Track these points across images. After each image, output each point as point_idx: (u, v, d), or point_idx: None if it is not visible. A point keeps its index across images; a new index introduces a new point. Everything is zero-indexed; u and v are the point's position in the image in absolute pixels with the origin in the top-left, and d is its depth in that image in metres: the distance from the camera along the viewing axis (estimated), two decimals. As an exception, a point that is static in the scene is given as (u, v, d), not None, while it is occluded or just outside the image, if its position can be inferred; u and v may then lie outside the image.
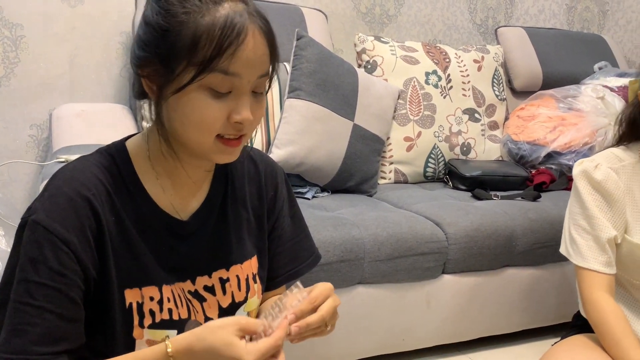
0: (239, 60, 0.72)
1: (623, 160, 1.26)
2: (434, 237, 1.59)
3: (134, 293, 0.78)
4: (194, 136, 0.75)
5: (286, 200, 0.95)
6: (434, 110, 2.14)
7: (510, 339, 1.74)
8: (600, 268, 1.21)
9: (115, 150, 0.81)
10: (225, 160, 0.78)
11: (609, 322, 1.17)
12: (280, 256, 0.95)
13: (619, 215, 1.23)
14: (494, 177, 2.01)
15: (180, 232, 0.83)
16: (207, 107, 0.73)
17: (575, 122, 2.15)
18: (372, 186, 1.96)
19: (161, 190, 0.81)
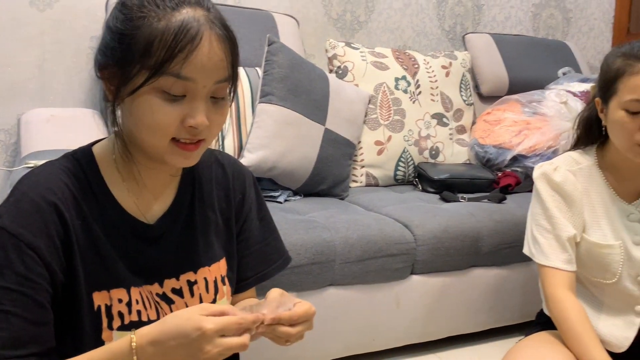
0: (192, 64, 0.72)
1: (580, 163, 1.31)
2: (402, 238, 1.63)
3: (103, 296, 0.79)
4: (148, 139, 0.76)
5: (254, 204, 0.97)
6: (403, 115, 2.18)
7: (477, 338, 1.79)
8: (562, 265, 1.26)
9: (82, 155, 0.82)
10: (182, 164, 0.79)
11: (570, 319, 1.22)
12: (249, 258, 0.96)
13: (578, 215, 1.29)
14: (461, 180, 2.06)
15: (146, 235, 0.84)
16: (159, 110, 0.74)
17: (539, 126, 2.22)
18: (343, 189, 1.99)
19: (127, 193, 0.82)
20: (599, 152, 1.33)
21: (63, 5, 2.02)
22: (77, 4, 2.04)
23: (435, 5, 2.66)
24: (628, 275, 1.28)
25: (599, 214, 1.29)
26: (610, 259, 1.28)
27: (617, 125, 1.21)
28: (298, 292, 1.51)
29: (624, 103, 1.18)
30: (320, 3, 2.44)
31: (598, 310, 1.35)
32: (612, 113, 1.22)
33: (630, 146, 1.21)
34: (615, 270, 1.28)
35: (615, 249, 1.27)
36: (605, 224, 1.29)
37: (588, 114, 1.33)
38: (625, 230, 1.29)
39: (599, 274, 1.30)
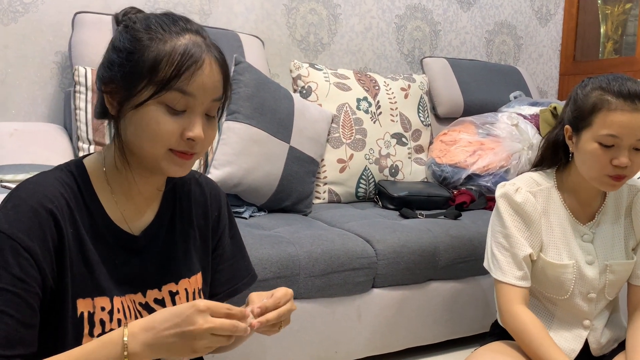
0: (195, 82, 0.81)
1: (540, 185, 1.38)
2: (364, 253, 1.69)
3: (86, 303, 0.83)
4: (148, 148, 0.82)
5: (227, 222, 1.03)
6: (364, 134, 2.26)
7: (435, 349, 1.86)
8: (517, 282, 1.33)
9: (75, 167, 0.86)
10: (176, 172, 0.85)
11: (528, 330, 1.28)
12: (221, 274, 1.02)
13: (536, 235, 1.35)
14: (419, 197, 2.14)
15: (131, 246, 0.89)
16: (162, 122, 0.80)
17: (492, 146, 2.34)
18: (307, 206, 2.04)
19: (115, 205, 0.87)
20: (559, 175, 1.39)
21: (28, 19, 2.02)
22: (43, 18, 2.04)
23: (395, 30, 2.77)
24: (579, 292, 1.36)
25: (555, 234, 1.36)
26: (564, 277, 1.35)
27: (589, 156, 1.27)
28: (263, 306, 1.54)
29: (599, 137, 1.24)
30: (284, 24, 2.52)
31: (549, 323, 1.43)
32: (585, 144, 1.27)
33: (599, 177, 1.28)
34: (568, 287, 1.35)
35: (569, 268, 1.34)
36: (561, 244, 1.36)
37: (555, 138, 1.39)
38: (580, 250, 1.36)
39: (553, 290, 1.38)
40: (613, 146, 1.24)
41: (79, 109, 1.81)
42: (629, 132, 1.23)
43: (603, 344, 1.42)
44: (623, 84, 1.24)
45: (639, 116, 1.23)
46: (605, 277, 1.37)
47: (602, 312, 1.42)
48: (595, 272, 1.36)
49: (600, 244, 1.38)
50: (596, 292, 1.37)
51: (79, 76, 1.82)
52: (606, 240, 1.38)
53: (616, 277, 1.38)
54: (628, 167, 1.25)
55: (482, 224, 1.93)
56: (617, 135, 1.23)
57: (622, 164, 1.24)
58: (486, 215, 2.04)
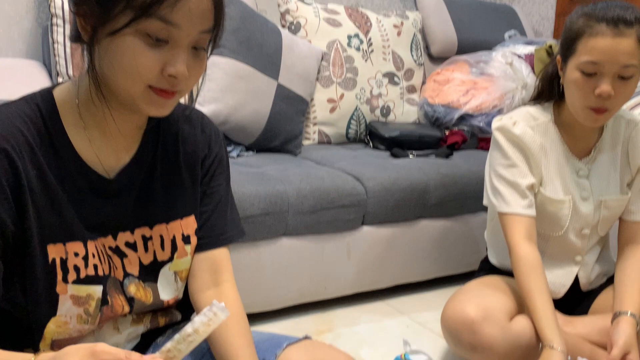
0: (180, 10, 0.70)
1: (537, 119, 1.34)
2: (354, 190, 1.67)
3: (58, 248, 0.77)
4: (123, 83, 0.72)
5: (222, 162, 0.93)
6: (356, 73, 2.20)
7: (423, 286, 1.87)
8: (522, 211, 1.29)
9: (41, 99, 0.77)
10: (156, 112, 0.76)
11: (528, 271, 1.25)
12: (211, 218, 0.92)
13: (536, 167, 1.32)
14: (411, 138, 2.11)
15: (104, 189, 0.81)
16: (140, 55, 0.70)
17: (486, 86, 2.29)
18: (296, 146, 2.01)
19: (88, 143, 0.79)
20: (556, 109, 1.35)
21: (0, -52, 1.91)
22: (15, -53, 1.93)
23: (388, -35, 2.66)
24: (573, 228, 1.35)
25: (552, 170, 1.34)
26: (561, 213, 1.33)
27: (572, 86, 1.22)
28: (252, 242, 1.53)
29: (581, 64, 1.19)
30: (272, -42, 2.40)
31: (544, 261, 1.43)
32: (569, 73, 1.23)
33: (582, 108, 1.23)
34: (563, 223, 1.34)
35: (566, 204, 1.33)
36: (557, 180, 1.33)
37: (551, 70, 1.34)
38: (575, 185, 1.34)
39: (548, 227, 1.36)
40: (595, 74, 1.19)
41: (57, 43, 1.73)
42: (611, 59, 1.17)
43: (592, 279, 1.43)
44: (609, 9, 1.18)
45: (622, 41, 1.16)
46: (600, 213, 1.36)
47: (593, 247, 1.42)
48: (589, 208, 1.35)
49: (595, 179, 1.36)
50: (590, 227, 1.37)
51: (55, 8, 1.73)
52: (601, 176, 1.36)
53: (610, 212, 1.37)
54: (612, 98, 1.19)
55: (474, 162, 1.91)
56: (597, 62, 1.17)
57: (603, 93, 1.18)
58: (478, 154, 2.03)
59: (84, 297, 0.80)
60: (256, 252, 1.55)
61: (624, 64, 1.17)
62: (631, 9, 1.18)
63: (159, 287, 0.88)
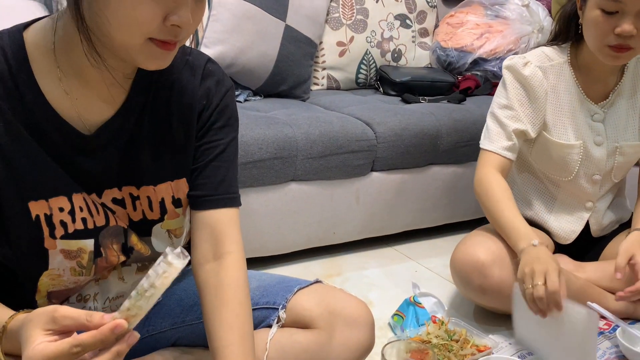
0: None
1: (552, 60, 1.31)
2: (364, 135, 1.64)
3: (41, 205, 0.72)
4: (120, 36, 0.64)
5: (224, 116, 0.83)
6: (366, 15, 2.13)
7: (432, 232, 1.87)
8: (502, 152, 1.29)
9: (9, 41, 0.68)
10: (156, 66, 0.68)
11: (491, 188, 1.26)
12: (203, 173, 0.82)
13: (538, 112, 1.30)
14: (422, 83, 2.06)
15: (83, 146, 0.74)
16: (140, 4, 0.62)
17: (501, 29, 2.21)
18: (304, 91, 1.96)
19: (64, 94, 0.70)
20: (573, 50, 1.32)
21: None
22: None
23: None
24: (584, 173, 1.33)
25: (564, 112, 1.31)
26: (570, 158, 1.31)
27: (591, 24, 1.19)
28: (260, 187, 1.52)
29: (601, 2, 1.15)
30: None
31: (551, 205, 1.41)
32: (589, 11, 1.19)
33: (600, 47, 1.19)
34: (572, 168, 1.32)
35: (576, 149, 1.31)
36: (568, 123, 1.31)
37: (569, 9, 1.30)
38: (589, 129, 1.31)
39: (556, 172, 1.35)
40: (617, 13, 1.14)
41: (58, -19, 1.67)
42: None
43: (605, 225, 1.42)
44: None
45: None
46: (614, 159, 1.33)
47: (606, 194, 1.40)
48: (602, 153, 1.32)
49: (611, 124, 1.32)
50: (602, 173, 1.34)
51: (54, -57, 1.66)
52: (619, 121, 1.33)
53: (625, 159, 1.34)
54: (634, 37, 1.15)
55: (487, 108, 1.82)
56: (619, 0, 1.13)
57: (624, 32, 1.14)
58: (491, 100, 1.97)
59: (75, 251, 0.76)
60: (265, 197, 1.53)
61: None
62: None
63: (152, 242, 0.84)
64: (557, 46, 1.33)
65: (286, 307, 0.89)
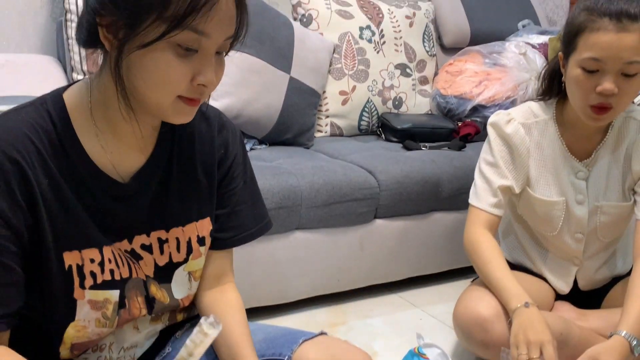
0: (212, 20, 0.69)
1: (537, 117, 1.31)
2: (366, 184, 1.67)
3: (74, 255, 0.77)
4: (154, 94, 0.72)
5: (240, 162, 0.92)
6: (367, 65, 2.20)
7: (436, 279, 1.87)
8: (488, 208, 1.30)
9: (52, 104, 0.75)
10: (182, 120, 0.76)
11: (480, 247, 1.27)
12: (227, 218, 0.92)
13: (520, 169, 1.31)
14: (423, 130, 2.10)
15: (119, 194, 0.81)
16: (172, 67, 0.69)
17: (499, 76, 2.27)
18: (308, 139, 2.01)
19: (101, 148, 0.78)
20: (559, 107, 1.31)
21: (13, -56, 1.92)
22: (29, -57, 1.94)
23: (400, -45, 2.64)
24: (568, 230, 1.33)
25: (548, 169, 1.31)
26: (553, 214, 1.31)
27: (573, 83, 1.18)
28: (265, 236, 1.54)
29: (582, 60, 1.14)
30: (283, -51, 2.39)
31: (544, 256, 1.42)
32: (571, 69, 1.18)
33: (583, 106, 1.18)
34: (556, 224, 1.32)
35: (559, 205, 1.30)
36: (552, 180, 1.31)
37: (553, 66, 1.30)
38: (571, 187, 1.30)
39: (543, 226, 1.35)
40: (597, 71, 1.13)
41: (72, 39, 1.75)
42: (614, 55, 1.11)
43: (597, 280, 1.40)
44: (612, 2, 1.12)
45: (625, 37, 1.10)
46: (597, 219, 1.31)
47: (597, 253, 1.38)
48: (584, 212, 1.31)
49: (594, 183, 1.31)
50: (585, 232, 1.33)
51: (69, 4, 1.74)
52: (601, 180, 1.30)
53: (610, 219, 1.31)
54: (616, 95, 1.13)
55: (487, 155, 1.90)
56: (599, 59, 1.12)
57: (605, 91, 1.12)
58: (491, 146, 2.01)
59: (102, 302, 0.81)
60: (270, 246, 1.56)
61: (627, 61, 1.11)
62: (636, 2, 1.12)
63: (172, 287, 0.88)
64: (544, 102, 1.33)
65: (292, 359, 0.90)
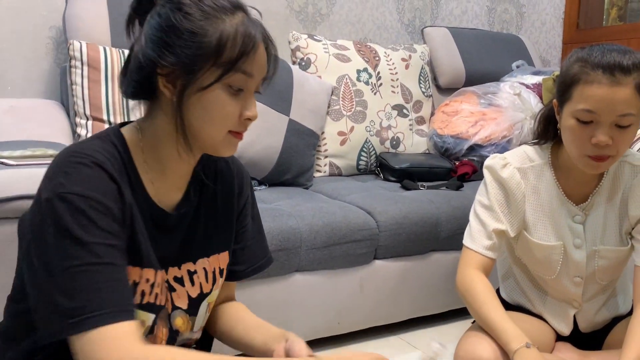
0: (256, 63, 0.81)
1: (533, 161, 1.31)
2: (366, 225, 1.68)
3: (135, 271, 0.83)
4: (210, 131, 0.81)
5: (250, 201, 1.02)
6: (365, 106, 2.24)
7: (438, 319, 1.86)
8: (483, 251, 1.28)
9: (115, 138, 0.84)
10: (231, 152, 0.85)
11: (474, 289, 1.25)
12: (243, 252, 1.01)
13: (516, 214, 1.30)
14: (421, 169, 2.13)
15: (165, 224, 0.88)
16: (227, 105, 0.80)
17: (494, 116, 2.31)
18: (308, 179, 2.03)
19: (151, 182, 0.86)
20: (554, 151, 1.31)
21: (20, -6, 1.98)
22: (35, -7, 2.01)
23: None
24: (566, 274, 1.32)
25: (545, 213, 1.30)
26: (552, 258, 1.30)
27: (568, 133, 1.18)
28: (265, 278, 1.55)
29: (576, 112, 1.15)
30: (282, -5, 2.47)
31: (543, 298, 1.41)
32: (565, 119, 1.19)
33: (579, 156, 1.19)
34: (555, 268, 1.31)
35: (557, 249, 1.30)
36: (549, 223, 1.30)
37: (547, 112, 1.31)
38: (568, 231, 1.30)
39: (541, 270, 1.35)
40: (592, 122, 1.14)
41: (75, 84, 1.79)
42: (607, 107, 1.12)
43: (598, 322, 1.39)
44: (605, 54, 1.13)
45: (618, 90, 1.11)
46: (595, 263, 1.31)
47: (596, 296, 1.37)
48: (582, 256, 1.30)
49: (591, 227, 1.30)
50: (583, 276, 1.32)
51: (74, 50, 1.79)
52: (598, 224, 1.30)
53: (608, 262, 1.31)
54: (610, 146, 1.14)
55: (484, 194, 1.92)
56: (593, 111, 1.13)
57: (600, 143, 1.13)
58: (488, 185, 2.03)
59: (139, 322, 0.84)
60: (270, 288, 1.56)
61: (621, 113, 1.13)
62: (629, 54, 1.13)
63: (196, 320, 0.94)
64: (539, 146, 1.33)
65: None
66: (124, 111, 1.78)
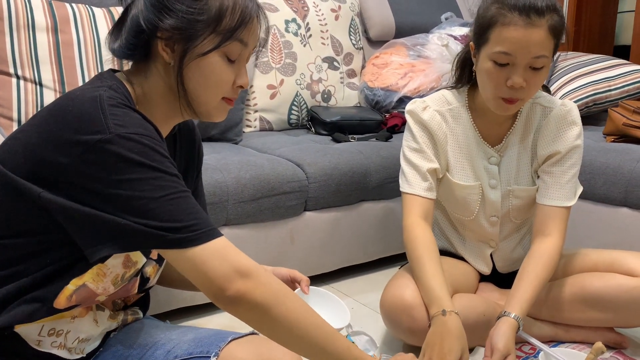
0: (252, 33, 0.86)
1: (451, 104, 1.34)
2: (295, 177, 1.67)
3: None
4: (206, 96, 0.86)
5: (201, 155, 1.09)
6: (294, 59, 2.19)
7: (367, 267, 1.90)
8: (423, 193, 1.32)
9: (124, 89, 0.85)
10: (222, 118, 0.90)
11: (415, 243, 1.28)
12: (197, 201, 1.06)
13: (442, 153, 1.34)
14: (352, 122, 2.13)
15: None
16: (224, 72, 0.85)
17: (423, 68, 2.33)
18: (236, 134, 1.99)
19: None
20: (471, 94, 1.34)
21: None
22: None
23: (324, -52, 2.64)
24: (483, 214, 1.37)
25: (463, 154, 1.34)
26: (470, 198, 1.35)
27: (484, 75, 1.20)
28: (192, 234, 1.51)
29: (493, 54, 1.17)
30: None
31: (462, 241, 1.46)
32: (481, 62, 1.21)
33: (492, 97, 1.21)
34: (473, 208, 1.36)
35: (475, 189, 1.34)
36: (467, 165, 1.34)
37: (464, 55, 1.34)
38: (485, 172, 1.34)
39: (460, 211, 1.39)
40: (508, 65, 1.17)
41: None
42: (523, 50, 1.14)
43: (515, 260, 1.44)
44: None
45: (534, 32, 1.13)
46: (509, 202, 1.36)
47: (511, 235, 1.42)
48: (497, 195, 1.35)
49: (505, 167, 1.35)
50: (499, 215, 1.37)
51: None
52: (511, 165, 1.35)
53: (521, 202, 1.36)
54: (524, 88, 1.18)
55: (413, 144, 1.94)
56: (510, 53, 1.15)
57: (516, 85, 1.17)
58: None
59: (132, 262, 0.90)
60: (197, 243, 1.53)
61: (535, 55, 1.15)
62: None
63: (161, 268, 1.00)
64: (456, 89, 1.36)
65: (219, 356, 0.90)
66: (32, 64, 1.65)
